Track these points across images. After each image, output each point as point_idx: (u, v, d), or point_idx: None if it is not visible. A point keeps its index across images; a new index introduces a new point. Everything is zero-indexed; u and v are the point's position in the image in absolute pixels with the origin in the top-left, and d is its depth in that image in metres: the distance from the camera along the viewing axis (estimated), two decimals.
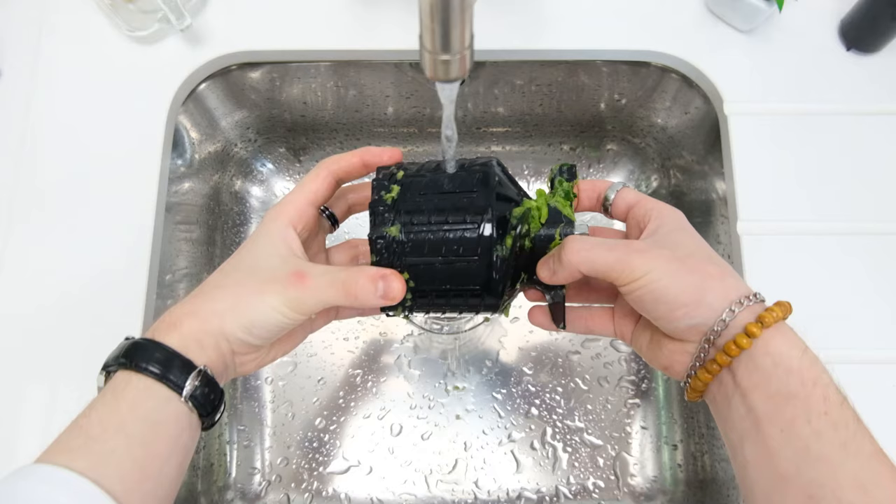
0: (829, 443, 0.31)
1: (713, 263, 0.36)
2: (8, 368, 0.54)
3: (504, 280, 0.38)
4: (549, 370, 0.72)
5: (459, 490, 0.69)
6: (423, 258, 0.37)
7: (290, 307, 0.35)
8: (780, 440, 0.32)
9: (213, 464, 0.69)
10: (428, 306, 0.40)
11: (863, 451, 0.31)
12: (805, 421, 0.31)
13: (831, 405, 0.32)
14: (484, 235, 0.37)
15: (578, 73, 0.68)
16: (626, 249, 0.36)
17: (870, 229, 0.58)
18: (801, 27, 0.63)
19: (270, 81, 0.68)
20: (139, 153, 0.59)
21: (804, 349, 0.33)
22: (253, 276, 0.36)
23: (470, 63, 0.32)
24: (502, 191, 0.38)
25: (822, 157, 0.60)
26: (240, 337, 0.36)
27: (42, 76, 0.62)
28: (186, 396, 0.34)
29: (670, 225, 0.38)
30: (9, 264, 0.56)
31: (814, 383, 0.32)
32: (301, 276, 0.36)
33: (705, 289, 0.34)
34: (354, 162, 0.41)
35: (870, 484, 0.30)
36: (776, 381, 0.33)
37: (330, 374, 0.72)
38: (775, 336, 0.33)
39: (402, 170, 0.39)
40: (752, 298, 0.34)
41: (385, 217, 0.37)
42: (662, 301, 0.35)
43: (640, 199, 0.40)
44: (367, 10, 0.64)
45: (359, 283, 0.36)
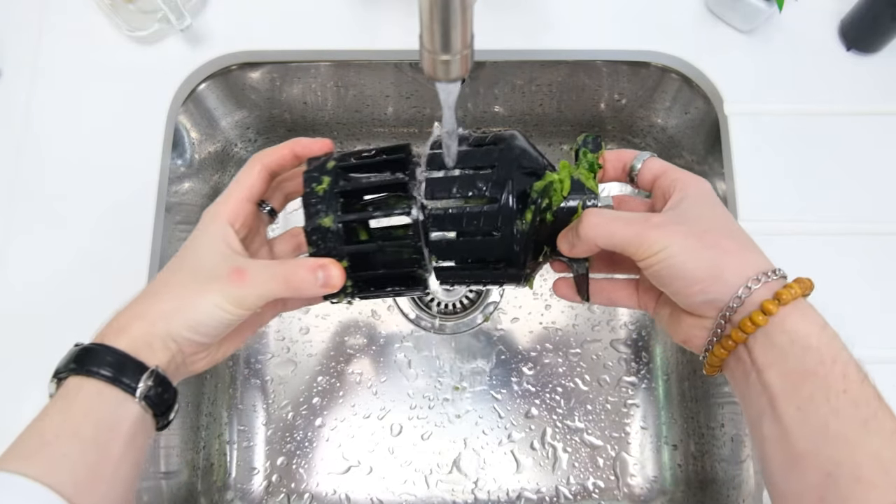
0: (849, 421, 0.30)
1: (733, 238, 0.35)
2: (8, 369, 0.54)
3: (424, 262, 0.39)
4: (549, 370, 0.72)
5: (459, 490, 0.69)
6: (359, 245, 0.38)
7: (233, 304, 0.36)
8: (798, 418, 0.32)
9: (213, 464, 0.69)
10: (370, 290, 0.40)
11: (884, 429, 0.30)
12: (824, 399, 0.31)
13: (851, 383, 0.31)
14: (418, 220, 0.38)
15: (578, 73, 0.68)
16: (643, 224, 0.35)
17: (870, 229, 0.58)
18: (801, 27, 0.63)
19: (270, 81, 0.68)
20: (139, 153, 0.59)
21: (823, 326, 0.33)
22: (195, 276, 0.37)
23: (470, 63, 0.32)
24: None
25: (822, 157, 0.60)
26: (186, 336, 0.36)
27: (42, 76, 0.61)
28: (140, 397, 0.34)
29: (694, 197, 0.37)
30: (9, 264, 0.56)
31: (833, 361, 0.32)
32: (240, 273, 0.36)
33: (722, 264, 0.34)
34: (285, 154, 0.41)
35: (890, 462, 0.29)
36: (793, 358, 0.32)
37: (330, 374, 0.72)
38: (793, 313, 0.33)
39: (334, 160, 0.40)
40: (770, 275, 0.34)
41: (318, 208, 0.38)
42: (679, 277, 0.35)
43: (667, 170, 0.39)
44: (367, 10, 0.64)
45: (298, 275, 0.37)
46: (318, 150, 0.42)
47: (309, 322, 0.74)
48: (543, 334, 0.73)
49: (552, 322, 0.74)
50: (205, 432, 0.69)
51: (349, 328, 0.74)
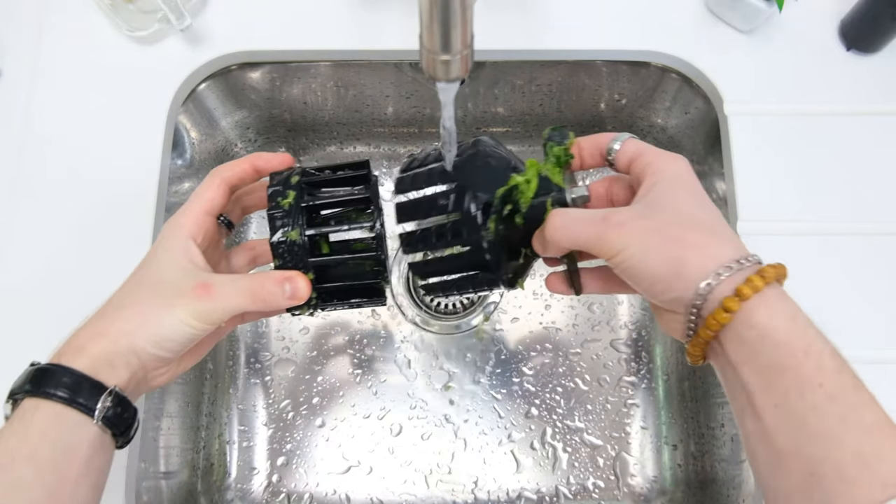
0: (827, 416, 0.29)
1: (698, 228, 0.34)
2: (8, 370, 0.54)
3: (386, 273, 0.40)
4: (548, 370, 0.72)
5: (459, 490, 0.69)
6: (325, 258, 0.39)
7: (199, 319, 0.36)
8: (776, 415, 0.31)
9: (213, 464, 0.69)
10: (334, 302, 0.41)
11: (864, 423, 0.29)
12: (799, 395, 0.30)
13: (826, 375, 0.30)
14: (380, 233, 0.39)
15: (578, 73, 0.68)
16: (604, 224, 0.35)
17: (870, 229, 0.58)
18: (801, 27, 0.63)
19: (270, 81, 0.68)
20: (139, 153, 0.59)
21: (793, 316, 0.32)
22: (158, 292, 0.37)
23: (470, 63, 0.32)
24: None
25: (822, 157, 0.60)
26: (151, 352, 0.36)
27: (42, 76, 0.62)
28: (98, 418, 0.34)
29: (665, 182, 0.36)
30: (9, 264, 0.56)
31: (805, 353, 0.30)
32: (206, 288, 0.36)
33: (683, 261, 0.33)
34: (246, 168, 0.41)
35: (872, 458, 0.28)
36: (764, 354, 0.31)
37: (330, 375, 0.72)
38: (759, 306, 0.31)
39: (297, 174, 0.40)
40: (733, 266, 0.32)
41: (284, 222, 0.38)
42: (641, 276, 0.34)
43: (642, 153, 0.38)
44: (367, 10, 0.64)
45: (266, 288, 0.37)
46: (277, 165, 0.42)
47: (309, 322, 0.74)
48: (543, 334, 0.73)
49: (552, 322, 0.74)
50: (205, 432, 0.69)
51: (349, 328, 0.74)
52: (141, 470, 0.55)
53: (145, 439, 0.56)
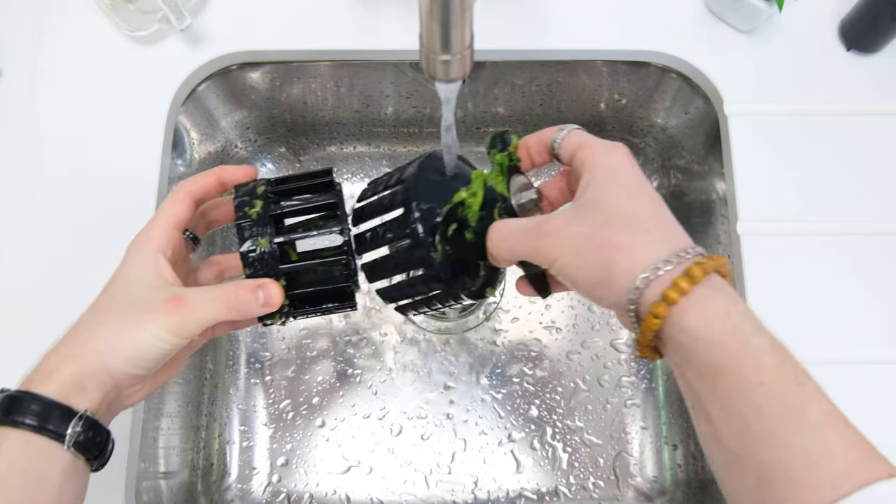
0: (770, 417, 0.28)
1: (627, 229, 0.32)
2: (8, 370, 0.54)
3: (355, 277, 0.41)
4: (548, 370, 0.72)
5: (459, 490, 0.69)
6: (295, 264, 0.39)
7: (172, 333, 0.36)
8: (723, 418, 0.30)
9: (213, 464, 0.69)
10: (306, 308, 0.42)
11: (809, 421, 0.28)
12: (741, 396, 0.29)
13: (766, 373, 0.29)
14: (349, 238, 0.40)
15: (578, 73, 0.68)
16: (535, 234, 0.34)
17: (870, 229, 0.58)
18: (801, 27, 0.63)
19: (270, 81, 0.68)
20: (139, 153, 0.59)
21: (726, 314, 0.30)
22: (129, 309, 0.36)
23: (470, 63, 0.32)
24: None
25: (822, 157, 0.60)
26: (125, 371, 0.36)
27: (42, 76, 0.62)
28: (69, 444, 0.33)
29: (598, 179, 0.34)
30: (9, 264, 0.56)
31: (742, 352, 0.29)
32: (179, 301, 0.36)
33: (611, 266, 0.32)
34: (211, 182, 0.41)
35: (819, 457, 0.27)
36: (701, 356, 0.30)
37: (330, 374, 0.72)
38: (690, 307, 0.30)
39: (263, 185, 0.41)
40: (660, 267, 0.31)
41: (253, 231, 0.39)
42: (577, 284, 0.33)
43: (580, 147, 0.36)
44: (367, 10, 0.64)
45: (239, 296, 0.37)
46: (242, 178, 0.42)
47: (309, 322, 0.74)
48: (544, 334, 0.73)
49: (552, 322, 0.74)
50: (205, 432, 0.69)
51: (349, 328, 0.74)
52: (141, 470, 0.55)
53: (145, 439, 0.56)
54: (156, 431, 0.60)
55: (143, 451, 0.56)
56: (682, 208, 0.74)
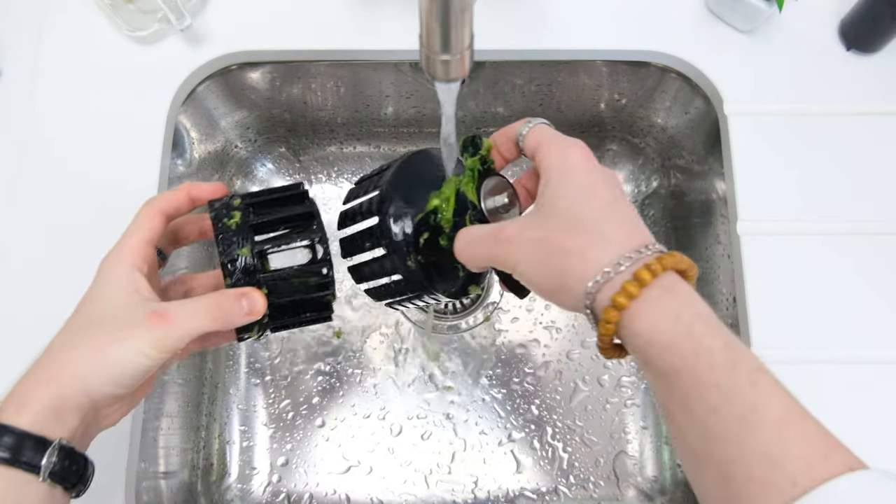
0: (728, 418, 0.28)
1: (580, 232, 0.32)
2: (6, 369, 0.54)
3: (332, 285, 0.41)
4: (548, 370, 0.72)
5: (459, 490, 0.69)
6: (275, 272, 0.40)
7: (156, 347, 0.35)
8: (684, 419, 0.29)
9: (213, 464, 0.69)
10: (285, 318, 0.42)
11: (766, 420, 0.28)
12: (698, 398, 0.29)
13: (720, 374, 0.28)
14: (324, 246, 0.40)
15: (578, 73, 0.68)
16: (494, 242, 0.35)
17: (870, 229, 0.58)
18: (801, 27, 0.63)
19: (270, 81, 0.68)
20: (139, 153, 0.59)
21: (676, 316, 0.30)
22: (108, 328, 0.36)
23: (470, 63, 0.32)
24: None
25: (822, 157, 0.60)
26: (106, 391, 0.35)
27: (42, 76, 0.61)
28: (45, 475, 0.33)
29: (554, 180, 0.34)
30: (9, 264, 0.56)
31: (694, 354, 0.29)
32: (161, 315, 0.36)
33: (565, 272, 0.32)
34: (181, 198, 0.41)
35: (778, 455, 0.27)
36: (656, 359, 0.30)
37: (330, 374, 0.72)
38: (640, 310, 0.30)
39: (238, 198, 0.41)
40: (610, 271, 0.30)
41: (233, 241, 0.39)
42: (538, 290, 0.34)
43: (538, 146, 0.36)
44: (367, 10, 0.64)
45: (223, 305, 0.37)
46: (212, 194, 0.42)
47: None
48: (543, 334, 0.73)
49: (552, 321, 0.74)
50: (205, 432, 0.69)
51: (350, 328, 0.74)
52: (141, 470, 0.55)
53: (145, 439, 0.56)
54: (156, 431, 0.60)
55: (143, 451, 0.56)
56: (682, 208, 0.74)
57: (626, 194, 0.35)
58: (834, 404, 0.53)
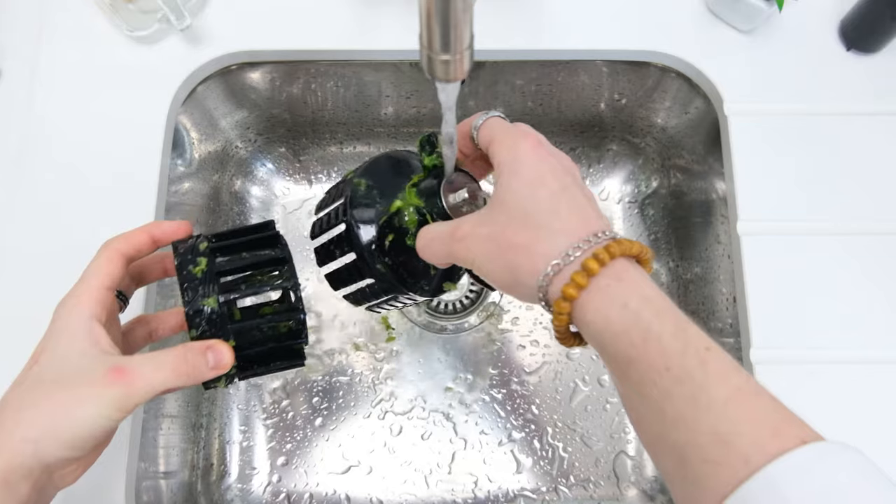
0: (680, 401, 0.28)
1: (529, 226, 0.32)
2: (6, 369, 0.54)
3: (305, 332, 0.40)
4: (548, 370, 0.72)
5: (459, 490, 0.69)
6: (244, 322, 0.38)
7: (116, 407, 0.33)
8: (640, 404, 0.30)
9: (213, 464, 0.69)
10: (254, 368, 0.40)
11: (716, 401, 0.28)
12: (651, 383, 0.29)
13: (671, 358, 0.29)
14: (296, 292, 0.39)
15: (578, 73, 0.68)
16: (450, 240, 0.35)
17: (870, 229, 0.58)
18: (801, 27, 0.63)
19: (270, 81, 0.68)
20: (139, 153, 0.59)
21: (624, 304, 0.30)
22: (64, 387, 0.33)
23: (470, 63, 0.31)
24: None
25: (822, 157, 0.60)
26: (62, 456, 0.33)
27: (42, 76, 0.61)
28: None
29: (504, 175, 0.34)
30: (9, 264, 0.56)
31: (644, 340, 0.29)
32: (121, 372, 0.33)
33: (516, 268, 0.32)
34: (143, 239, 0.39)
35: (730, 434, 0.27)
36: (608, 346, 0.30)
37: (330, 374, 0.72)
38: (590, 300, 0.30)
39: (205, 240, 0.39)
40: (560, 262, 0.31)
41: (198, 291, 0.37)
42: (495, 285, 0.34)
43: (490, 142, 0.36)
44: (368, 10, 0.64)
45: (189, 360, 0.35)
46: (175, 234, 0.40)
47: (309, 323, 0.74)
48: (544, 334, 0.73)
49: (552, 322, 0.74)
50: (205, 432, 0.69)
51: (350, 328, 0.74)
52: (141, 470, 0.55)
53: (145, 439, 0.56)
54: (156, 431, 0.60)
55: (143, 451, 0.56)
56: (682, 208, 0.74)
57: (580, 179, 0.35)
58: (834, 404, 0.53)
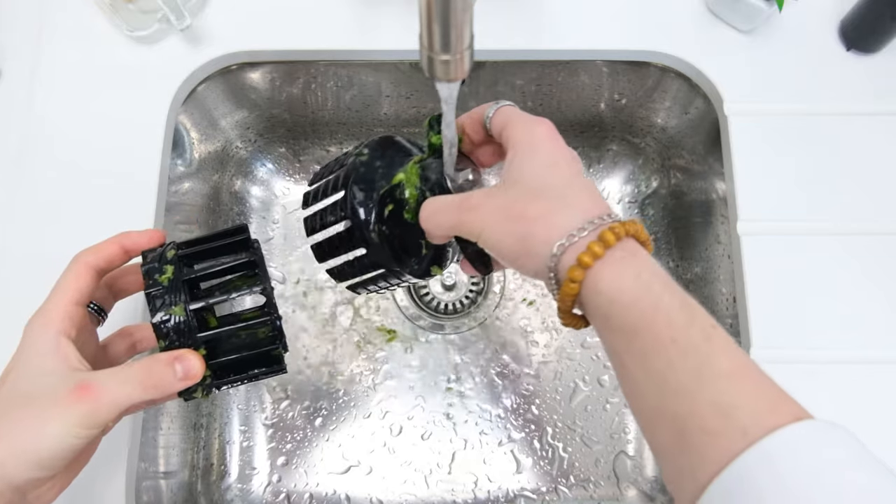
0: (683, 372, 0.29)
1: (544, 198, 0.33)
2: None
3: (282, 338, 0.40)
4: (549, 370, 0.72)
5: (459, 490, 0.69)
6: (215, 330, 0.37)
7: (83, 425, 0.33)
8: (641, 376, 0.31)
9: (213, 464, 0.69)
10: (230, 377, 0.39)
11: (719, 373, 0.29)
12: (655, 353, 0.30)
13: (677, 330, 0.30)
14: (272, 297, 0.38)
15: (578, 73, 0.68)
16: (459, 210, 0.35)
17: (870, 229, 0.58)
18: (801, 27, 0.63)
19: (270, 81, 0.68)
20: (139, 153, 0.59)
21: (636, 275, 0.31)
22: (30, 407, 0.33)
23: (470, 63, 0.31)
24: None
25: (822, 157, 0.60)
26: (31, 476, 0.33)
27: (42, 76, 0.61)
28: None
29: (520, 154, 0.35)
30: (9, 264, 0.56)
31: (654, 310, 0.30)
32: (86, 389, 0.33)
33: (529, 237, 0.33)
34: (113, 250, 0.39)
35: (729, 407, 0.28)
36: (616, 317, 0.31)
37: (330, 374, 0.72)
38: (603, 269, 0.31)
39: (173, 248, 0.39)
40: (575, 234, 0.32)
41: (165, 300, 0.36)
42: (501, 256, 0.34)
43: (506, 125, 0.37)
44: (368, 10, 0.64)
45: (155, 373, 0.34)
46: (146, 243, 0.40)
47: (309, 322, 0.74)
48: (544, 334, 0.73)
49: (553, 322, 0.74)
50: (205, 432, 0.69)
51: (350, 328, 0.74)
52: (141, 470, 0.55)
53: (145, 439, 0.56)
54: (156, 431, 0.60)
55: (143, 451, 0.56)
56: (682, 208, 0.74)
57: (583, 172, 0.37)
58: (833, 404, 0.53)
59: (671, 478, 0.30)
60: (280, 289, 0.75)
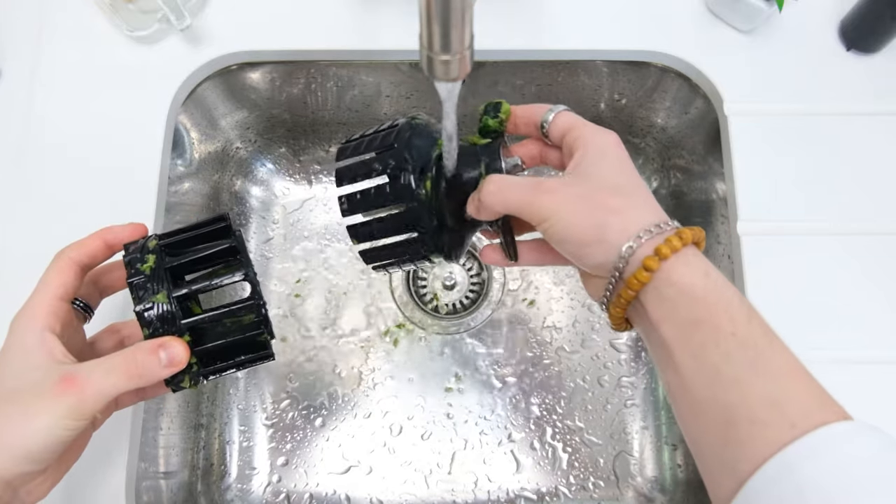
0: (738, 363, 0.31)
1: (622, 194, 0.35)
2: None
3: (268, 324, 0.39)
4: (549, 370, 0.72)
5: (459, 490, 0.69)
6: (199, 316, 0.37)
7: (70, 416, 0.33)
8: (693, 367, 0.32)
9: (213, 464, 0.69)
10: (217, 364, 0.39)
11: (773, 367, 0.31)
12: (714, 344, 0.31)
13: (738, 324, 0.32)
14: (256, 283, 0.38)
15: (578, 73, 0.68)
16: (535, 190, 0.36)
17: (870, 229, 0.58)
18: (801, 27, 0.63)
19: (270, 81, 0.68)
20: (139, 153, 0.59)
21: (706, 273, 0.33)
22: (16, 401, 0.33)
23: (470, 63, 0.31)
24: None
25: (822, 157, 0.60)
26: (21, 471, 0.33)
27: (42, 76, 0.61)
28: None
29: (592, 154, 0.37)
30: (9, 264, 0.56)
31: (717, 305, 0.32)
32: (70, 380, 0.33)
33: (605, 226, 0.34)
34: (96, 245, 0.39)
35: (780, 400, 0.30)
36: (683, 309, 0.33)
37: (330, 374, 0.72)
38: (677, 265, 0.33)
39: (154, 239, 0.39)
40: (654, 230, 0.34)
41: (147, 288, 0.36)
42: (568, 241, 0.35)
43: (574, 125, 0.39)
44: (367, 10, 0.64)
45: (139, 361, 0.34)
46: (129, 237, 0.40)
47: (309, 322, 0.74)
48: (544, 334, 0.73)
49: (553, 322, 0.74)
50: (205, 432, 0.69)
51: (349, 328, 0.74)
52: (141, 470, 0.55)
53: (145, 439, 0.56)
54: (156, 431, 0.60)
55: (143, 451, 0.56)
56: (682, 208, 0.74)
57: None
58: None
59: (710, 471, 0.32)
60: (280, 289, 0.75)
